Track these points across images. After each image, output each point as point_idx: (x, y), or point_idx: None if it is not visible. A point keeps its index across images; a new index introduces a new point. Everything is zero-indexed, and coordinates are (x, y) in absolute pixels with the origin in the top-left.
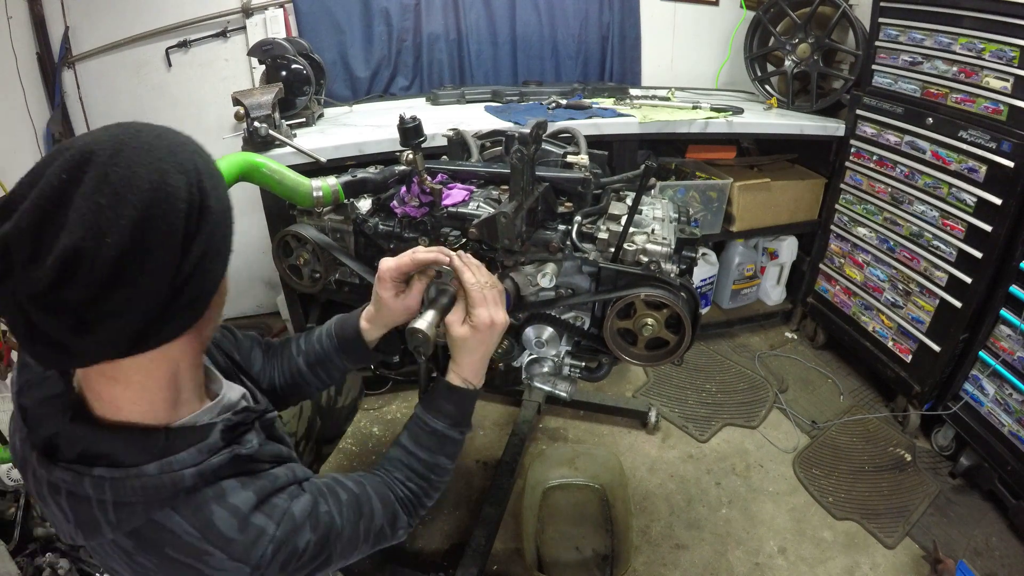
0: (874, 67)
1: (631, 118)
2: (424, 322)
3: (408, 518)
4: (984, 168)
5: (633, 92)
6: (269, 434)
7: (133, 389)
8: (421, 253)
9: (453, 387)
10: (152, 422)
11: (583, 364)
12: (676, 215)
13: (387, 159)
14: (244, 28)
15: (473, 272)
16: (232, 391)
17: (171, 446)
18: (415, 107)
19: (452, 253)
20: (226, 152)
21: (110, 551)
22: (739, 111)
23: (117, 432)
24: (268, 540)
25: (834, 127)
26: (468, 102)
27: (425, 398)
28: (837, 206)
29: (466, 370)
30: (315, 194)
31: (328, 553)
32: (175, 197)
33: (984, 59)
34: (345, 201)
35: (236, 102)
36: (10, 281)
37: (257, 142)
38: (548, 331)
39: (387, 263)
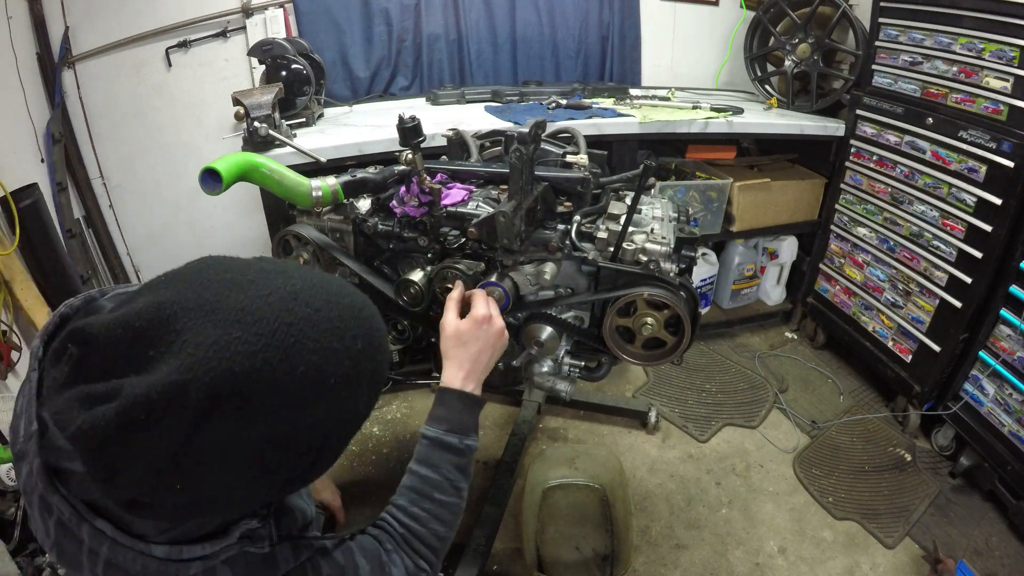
0: (874, 67)
1: (631, 118)
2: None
3: (410, 561)
4: (984, 168)
5: (633, 92)
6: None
7: None
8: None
9: (443, 389)
10: None
11: (583, 364)
12: (675, 214)
13: (387, 159)
14: (244, 28)
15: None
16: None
17: (185, 530)
18: (415, 107)
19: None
20: (226, 152)
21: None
22: (739, 111)
23: None
24: None
25: (834, 127)
26: (468, 102)
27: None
28: (837, 206)
29: (453, 370)
30: (315, 194)
31: None
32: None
33: (984, 59)
34: (344, 201)
35: (236, 102)
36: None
37: (257, 142)
38: (547, 330)
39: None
